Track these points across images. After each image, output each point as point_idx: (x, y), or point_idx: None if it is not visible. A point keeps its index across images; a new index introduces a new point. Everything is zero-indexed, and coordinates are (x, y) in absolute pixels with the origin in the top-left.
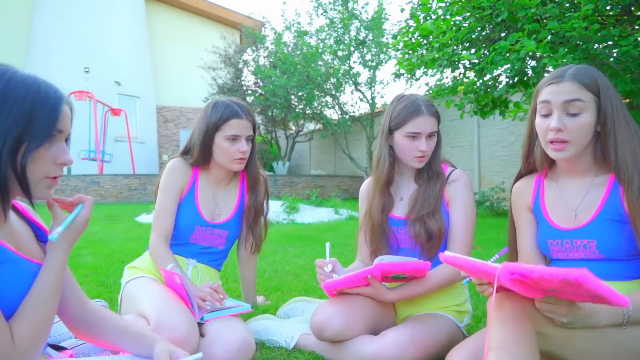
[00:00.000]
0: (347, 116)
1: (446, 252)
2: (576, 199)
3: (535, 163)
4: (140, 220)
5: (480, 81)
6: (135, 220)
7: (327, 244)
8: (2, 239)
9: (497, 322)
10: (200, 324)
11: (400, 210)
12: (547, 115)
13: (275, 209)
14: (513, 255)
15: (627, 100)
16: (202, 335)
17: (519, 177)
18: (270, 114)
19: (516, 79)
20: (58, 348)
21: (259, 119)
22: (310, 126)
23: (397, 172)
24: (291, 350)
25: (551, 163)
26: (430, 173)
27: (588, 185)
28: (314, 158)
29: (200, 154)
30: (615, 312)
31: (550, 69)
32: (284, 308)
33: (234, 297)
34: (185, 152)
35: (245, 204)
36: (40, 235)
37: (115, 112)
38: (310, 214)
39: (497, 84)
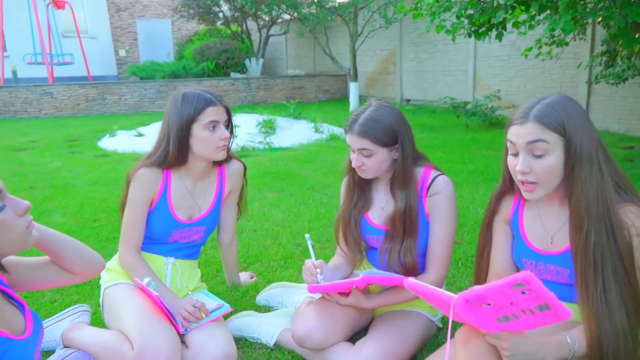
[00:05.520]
0: (327, 7)
1: (410, 279)
2: (555, 225)
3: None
4: (104, 147)
5: None
6: (98, 147)
7: (307, 237)
8: None
9: None
10: (183, 335)
11: (378, 217)
12: (515, 155)
13: (249, 129)
14: (480, 264)
15: (638, 36)
16: (184, 343)
17: (499, 193)
18: (238, 5)
19: None
20: None
21: (225, 8)
22: (286, 16)
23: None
24: (272, 347)
25: None
26: (399, 188)
27: (567, 215)
28: (291, 52)
29: (179, 153)
30: (561, 348)
31: None
32: (264, 294)
33: (208, 284)
34: (157, 158)
35: (224, 193)
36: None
37: (58, 4)
38: (288, 134)
39: (494, 3)
